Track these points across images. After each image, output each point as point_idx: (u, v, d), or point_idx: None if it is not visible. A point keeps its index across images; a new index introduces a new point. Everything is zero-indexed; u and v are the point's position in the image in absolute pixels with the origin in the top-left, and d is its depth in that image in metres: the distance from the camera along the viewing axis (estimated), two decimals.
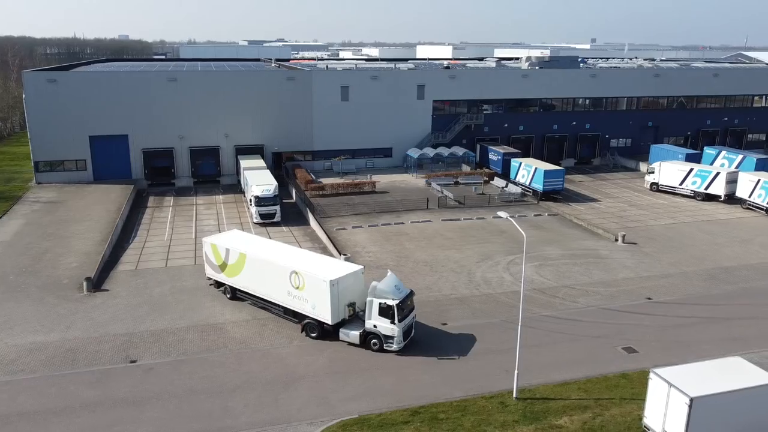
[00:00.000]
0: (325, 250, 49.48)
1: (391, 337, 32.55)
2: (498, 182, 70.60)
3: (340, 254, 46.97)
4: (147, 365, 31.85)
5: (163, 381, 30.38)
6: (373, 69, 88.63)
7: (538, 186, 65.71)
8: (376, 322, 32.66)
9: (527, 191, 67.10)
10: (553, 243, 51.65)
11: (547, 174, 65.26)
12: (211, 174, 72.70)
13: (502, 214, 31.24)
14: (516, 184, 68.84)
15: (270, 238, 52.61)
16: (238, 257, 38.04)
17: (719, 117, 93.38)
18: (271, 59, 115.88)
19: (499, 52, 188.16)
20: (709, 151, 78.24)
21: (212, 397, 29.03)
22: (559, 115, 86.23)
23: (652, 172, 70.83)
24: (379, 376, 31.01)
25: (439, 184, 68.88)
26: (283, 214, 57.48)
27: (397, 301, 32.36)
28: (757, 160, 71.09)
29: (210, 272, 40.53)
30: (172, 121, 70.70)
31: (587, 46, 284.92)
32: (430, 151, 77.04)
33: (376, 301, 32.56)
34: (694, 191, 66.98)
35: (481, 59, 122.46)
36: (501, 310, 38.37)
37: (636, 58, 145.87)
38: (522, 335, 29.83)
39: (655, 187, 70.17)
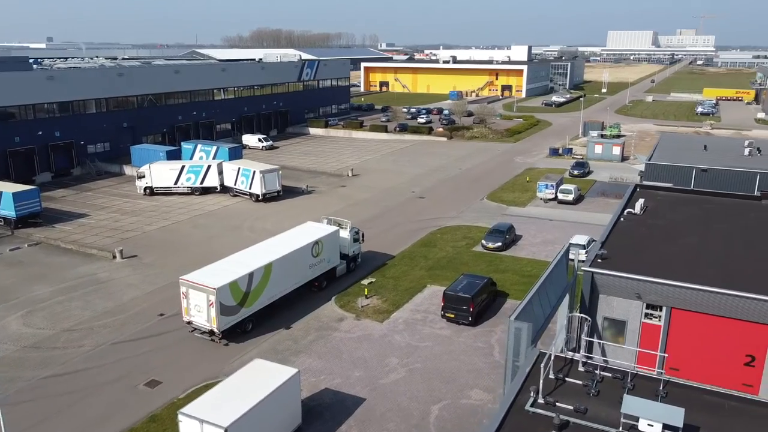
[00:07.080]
0: None
1: (359, 254, 45.59)
2: None
3: None
4: None
5: None
6: None
7: (10, 213, 54.85)
8: (353, 248, 44.29)
9: None
10: (41, 279, 43.50)
11: (17, 197, 54.91)
12: None
13: None
14: None
15: None
16: (264, 272, 35.25)
17: (189, 111, 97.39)
18: None
19: None
20: (186, 146, 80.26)
21: None
22: (19, 124, 73.98)
23: (143, 176, 67.92)
24: None
25: None
26: None
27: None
28: (229, 149, 76.67)
29: (226, 322, 33.02)
30: None
31: (43, 46, 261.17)
32: None
33: (352, 232, 43.84)
34: (191, 187, 67.59)
35: None
36: None
37: (97, 57, 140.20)
38: (8, 419, 22.76)
39: (150, 191, 67.75)
